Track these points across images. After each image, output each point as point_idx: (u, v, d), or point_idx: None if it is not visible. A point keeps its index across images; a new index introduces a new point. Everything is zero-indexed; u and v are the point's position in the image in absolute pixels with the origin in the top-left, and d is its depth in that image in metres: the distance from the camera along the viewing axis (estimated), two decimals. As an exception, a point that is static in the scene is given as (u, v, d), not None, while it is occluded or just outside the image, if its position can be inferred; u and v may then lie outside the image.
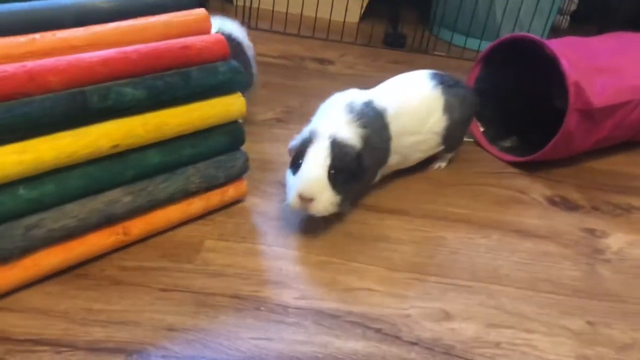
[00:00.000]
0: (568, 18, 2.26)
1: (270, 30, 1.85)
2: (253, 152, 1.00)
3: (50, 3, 0.75)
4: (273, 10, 1.88)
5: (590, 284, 0.90)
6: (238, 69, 0.88)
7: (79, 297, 0.74)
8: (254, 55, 1.21)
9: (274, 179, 1.04)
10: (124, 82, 0.75)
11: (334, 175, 0.85)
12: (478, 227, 1.00)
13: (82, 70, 0.71)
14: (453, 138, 1.10)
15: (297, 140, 0.91)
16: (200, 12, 0.86)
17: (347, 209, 0.93)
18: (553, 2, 1.90)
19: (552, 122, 1.15)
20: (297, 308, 0.77)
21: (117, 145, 0.75)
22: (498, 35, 1.79)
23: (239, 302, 0.77)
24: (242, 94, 0.89)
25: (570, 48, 1.19)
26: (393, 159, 1.00)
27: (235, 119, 0.90)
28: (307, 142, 0.88)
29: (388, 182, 1.07)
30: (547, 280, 0.89)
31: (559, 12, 2.21)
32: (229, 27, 1.16)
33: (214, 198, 0.91)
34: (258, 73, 1.24)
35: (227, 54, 0.86)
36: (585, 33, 1.40)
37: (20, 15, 0.72)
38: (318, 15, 1.90)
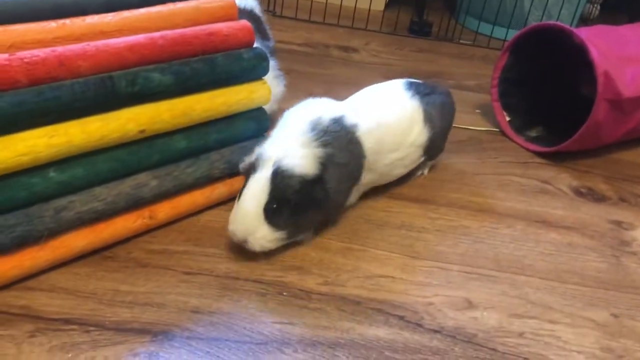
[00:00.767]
0: (598, 7, 2.22)
1: (295, 18, 1.85)
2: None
3: (80, -11, 0.77)
4: (298, -2, 1.88)
5: (616, 276, 0.89)
6: (263, 56, 0.88)
7: (106, 278, 0.75)
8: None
9: (298, 166, 1.04)
10: (152, 67, 0.76)
11: (275, 210, 0.77)
12: (503, 216, 0.99)
13: (110, 56, 0.72)
14: (435, 148, 1.02)
15: (246, 163, 0.82)
16: (227, -2, 0.86)
17: (308, 238, 0.86)
18: (583, -10, 1.87)
19: (579, 112, 1.13)
20: (319, 294, 0.77)
21: (144, 130, 0.76)
22: (526, 24, 1.77)
23: (262, 286, 0.77)
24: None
25: (600, 37, 1.17)
26: (367, 177, 0.91)
27: (260, 105, 0.91)
28: (251, 167, 0.80)
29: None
30: (572, 272, 0.88)
31: (589, 0, 2.17)
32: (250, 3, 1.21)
33: (238, 184, 0.91)
34: (283, 61, 1.24)
35: (252, 41, 0.87)
36: (616, 22, 1.37)
37: (51, 1, 0.73)
38: (343, 3, 1.89)
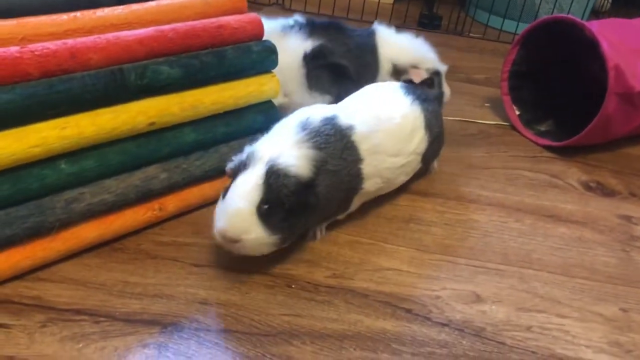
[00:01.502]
0: (610, 0, 2.20)
1: (304, 12, 1.85)
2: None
3: (91, -18, 0.77)
4: (307, -9, 1.88)
5: (625, 271, 0.88)
6: (272, 49, 0.88)
7: (116, 270, 0.76)
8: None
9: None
10: (161, 60, 0.77)
11: (267, 212, 0.71)
12: (511, 210, 0.99)
13: (120, 49, 0.73)
14: (428, 157, 0.98)
15: (234, 162, 0.76)
16: (236, -9, 0.86)
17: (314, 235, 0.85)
18: (594, -17, 1.85)
19: (590, 106, 1.12)
20: (327, 287, 0.78)
21: (153, 123, 0.76)
22: (536, 18, 1.75)
23: (271, 279, 0.78)
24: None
25: (611, 30, 1.16)
26: (372, 184, 0.85)
27: (269, 99, 0.91)
28: (241, 165, 0.74)
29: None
30: (580, 266, 0.88)
31: (601, -7, 2.15)
32: (430, 61, 1.17)
33: (247, 177, 0.92)
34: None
35: (261, 34, 0.87)
36: (628, 15, 1.36)
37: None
38: (352, -4, 1.88)
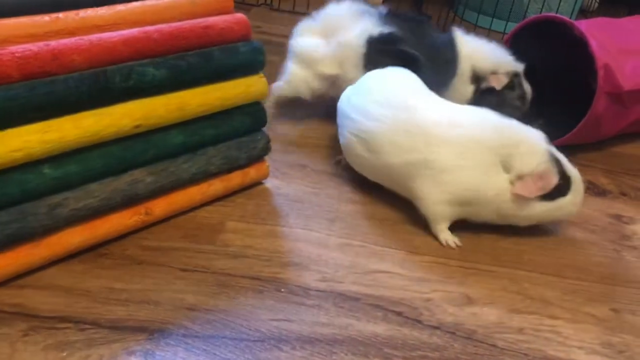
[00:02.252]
0: (598, -1, 2.21)
1: (293, 12, 1.84)
2: (275, 133, 0.99)
3: (73, -18, 0.75)
4: (295, -8, 1.86)
5: (617, 271, 0.88)
6: (259, 50, 0.87)
7: (102, 276, 0.75)
8: None
9: (296, 161, 1.04)
10: (146, 62, 0.75)
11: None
12: (502, 211, 0.98)
13: (104, 50, 0.71)
14: None
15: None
16: (222, -9, 0.85)
17: None
18: (582, -18, 1.86)
19: (580, 105, 1.12)
20: (317, 290, 0.77)
21: (139, 125, 0.75)
22: (525, 17, 1.76)
23: (260, 283, 0.77)
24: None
25: (600, 29, 1.15)
26: None
27: (257, 100, 0.90)
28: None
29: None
30: (572, 266, 0.87)
31: (589, -7, 2.15)
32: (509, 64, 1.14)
33: (235, 179, 0.91)
34: (279, 55, 1.23)
35: (248, 34, 0.86)
36: (616, 14, 1.36)
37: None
38: (341, -3, 1.87)
